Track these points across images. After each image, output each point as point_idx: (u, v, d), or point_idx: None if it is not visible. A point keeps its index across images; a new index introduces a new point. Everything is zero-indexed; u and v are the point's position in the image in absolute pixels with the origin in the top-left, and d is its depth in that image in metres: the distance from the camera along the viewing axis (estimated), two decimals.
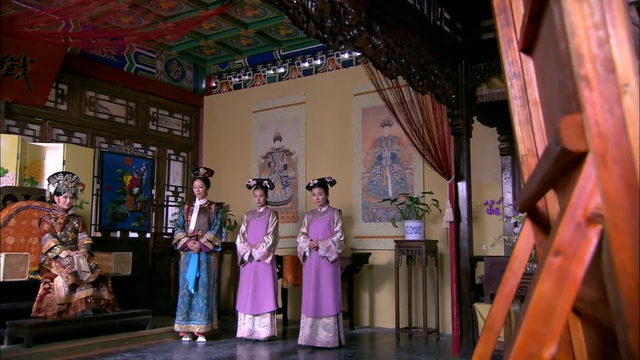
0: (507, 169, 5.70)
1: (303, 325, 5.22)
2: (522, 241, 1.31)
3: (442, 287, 5.92)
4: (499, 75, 4.72)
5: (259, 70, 8.27)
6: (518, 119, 1.35)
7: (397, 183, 6.55)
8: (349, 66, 7.33)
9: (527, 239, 1.31)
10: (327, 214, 5.34)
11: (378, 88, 4.20)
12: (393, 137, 6.69)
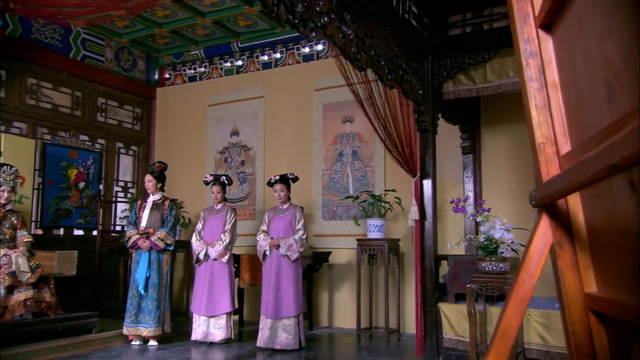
0: (469, 168, 5.69)
1: (262, 327, 5.01)
2: (538, 239, 1.18)
3: (404, 286, 5.85)
4: (465, 72, 4.68)
5: (216, 62, 7.97)
6: (534, 103, 1.21)
7: (358, 180, 6.44)
8: (309, 60, 7.16)
9: (544, 236, 1.18)
10: (288, 211, 5.15)
11: (348, 82, 4.05)
12: (354, 133, 6.57)
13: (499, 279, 3.96)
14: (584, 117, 1.09)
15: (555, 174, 1.17)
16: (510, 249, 3.97)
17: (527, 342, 4.12)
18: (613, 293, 1.09)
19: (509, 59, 4.49)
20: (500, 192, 5.48)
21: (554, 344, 4.03)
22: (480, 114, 5.79)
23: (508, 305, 1.18)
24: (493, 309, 4.28)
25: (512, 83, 4.46)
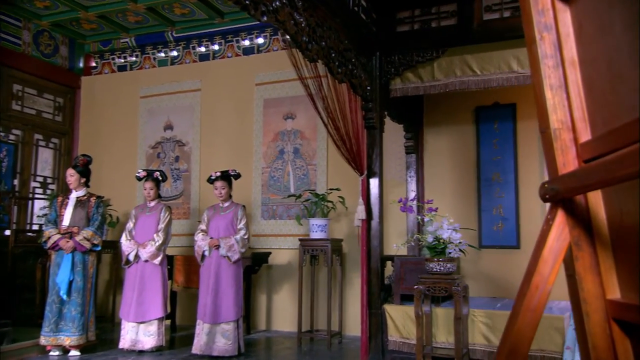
0: (412, 168, 5.65)
1: (198, 333, 4.70)
2: (553, 239, 1.03)
3: (346, 288, 5.72)
4: (413, 70, 4.61)
5: (148, 51, 7.50)
6: (549, 83, 1.06)
7: (300, 179, 6.24)
8: (250, 54, 6.88)
9: (560, 235, 1.03)
10: (230, 209, 4.87)
11: (299, 74, 3.85)
12: (296, 130, 6.38)
13: (447, 280, 3.91)
14: (613, 101, 0.95)
15: (572, 163, 1.03)
16: (457, 249, 3.93)
17: (471, 342, 4.10)
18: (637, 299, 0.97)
19: (456, 58, 4.46)
20: (442, 192, 5.48)
21: (498, 344, 4.02)
22: (423, 113, 5.77)
23: (519, 316, 1.03)
24: (439, 310, 4.23)
25: (459, 82, 4.44)
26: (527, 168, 5.28)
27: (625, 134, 0.86)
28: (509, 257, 5.23)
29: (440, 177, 5.62)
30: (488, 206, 5.39)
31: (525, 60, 4.22)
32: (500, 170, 5.37)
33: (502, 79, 4.29)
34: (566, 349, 3.67)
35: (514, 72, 4.25)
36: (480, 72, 4.36)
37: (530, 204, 5.23)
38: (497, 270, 5.26)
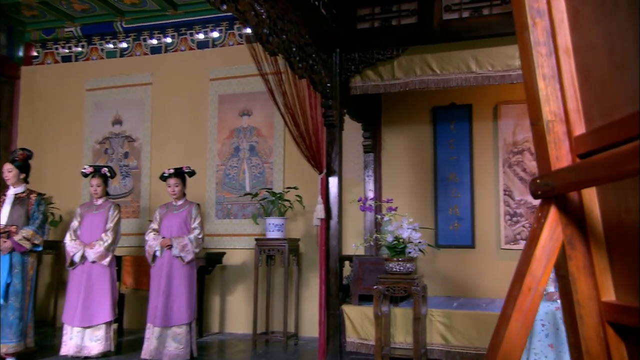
0: (370, 167, 5.62)
1: (148, 337, 4.48)
2: (546, 238, 0.97)
3: (302, 288, 5.62)
4: (373, 68, 4.56)
5: (96, 42, 7.14)
6: (542, 72, 1.00)
7: (256, 177, 6.10)
8: (204, 47, 6.66)
9: (553, 234, 0.97)
10: (183, 208, 4.67)
11: (259, 67, 3.72)
12: (252, 128, 6.22)
13: (406, 280, 3.88)
14: (614, 91, 0.89)
15: (566, 157, 0.97)
16: (417, 248, 3.91)
17: (429, 342, 4.09)
18: (634, 301, 0.92)
19: (416, 57, 4.45)
20: (399, 192, 5.47)
21: (455, 344, 4.04)
22: (381, 112, 5.75)
23: (510, 320, 0.96)
24: (397, 310, 4.20)
25: (419, 81, 4.43)
26: (482, 168, 5.35)
27: (629, 126, 0.81)
28: (464, 257, 5.28)
29: (398, 177, 5.62)
30: (444, 206, 5.42)
31: (483, 61, 4.26)
32: (457, 170, 5.41)
33: (461, 79, 4.31)
34: None
35: (472, 73, 4.28)
36: (439, 71, 4.37)
37: (486, 204, 5.30)
38: (453, 270, 5.30)
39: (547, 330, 3.58)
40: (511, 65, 4.17)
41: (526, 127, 5.21)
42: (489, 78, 4.23)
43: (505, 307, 0.99)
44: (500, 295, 5.04)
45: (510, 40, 4.17)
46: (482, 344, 3.95)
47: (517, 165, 5.21)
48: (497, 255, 5.21)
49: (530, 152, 5.17)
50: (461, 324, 4.04)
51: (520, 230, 5.14)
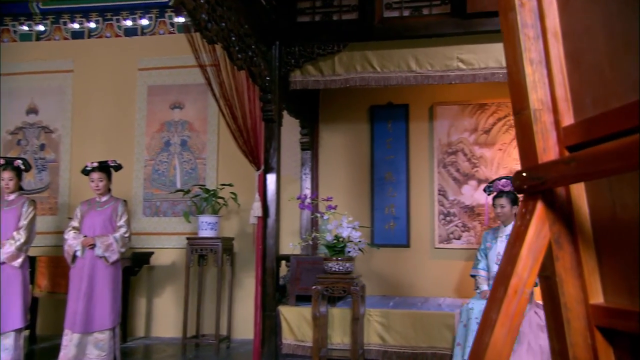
0: (307, 165, 5.52)
1: (66, 344, 4.11)
2: (533, 236, 0.89)
3: (236, 289, 5.42)
4: (313, 63, 4.46)
5: (7, 23, 6.53)
6: (529, 56, 0.92)
7: (187, 174, 5.81)
8: (132, 35, 6.28)
9: (540, 232, 0.89)
10: (108, 204, 4.33)
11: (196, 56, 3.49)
12: (184, 121, 5.93)
13: (345, 279, 3.81)
14: (612, 77, 0.83)
15: (553, 149, 0.90)
16: (357, 248, 3.85)
17: (366, 342, 4.05)
18: (626, 303, 0.86)
19: (357, 53, 4.40)
20: (336, 190, 5.40)
21: (392, 343, 4.02)
22: (319, 109, 5.67)
23: (495, 325, 0.87)
24: (335, 311, 4.12)
25: (359, 78, 4.38)
26: (418, 168, 5.40)
27: (630, 115, 0.74)
28: (399, 256, 5.30)
29: (335, 175, 5.55)
30: (380, 205, 5.42)
31: (422, 60, 4.27)
32: (393, 169, 5.43)
33: (401, 77, 4.30)
34: (457, 346, 3.75)
35: (412, 72, 4.28)
36: (380, 69, 4.34)
37: (420, 203, 5.35)
38: (388, 269, 5.31)
39: None
40: (450, 65, 4.21)
41: (460, 128, 5.32)
42: (429, 77, 4.25)
43: (488, 311, 0.91)
44: (434, 293, 5.11)
45: (448, 41, 4.22)
46: (418, 343, 3.96)
47: (452, 166, 5.30)
48: (431, 254, 5.27)
49: (464, 153, 5.28)
50: (399, 324, 4.03)
51: (453, 230, 5.23)
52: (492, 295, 0.91)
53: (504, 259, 0.92)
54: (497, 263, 3.99)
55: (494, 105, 5.26)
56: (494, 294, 0.91)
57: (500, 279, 0.91)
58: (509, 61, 0.96)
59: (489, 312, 0.90)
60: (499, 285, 0.90)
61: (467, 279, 5.04)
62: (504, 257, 0.92)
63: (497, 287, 0.91)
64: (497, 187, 4.06)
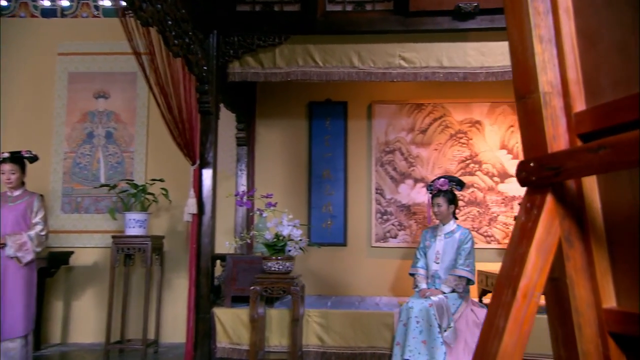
0: (243, 161, 5.32)
1: None
2: (542, 233, 0.80)
3: (165, 290, 5.11)
4: (253, 54, 4.28)
5: None
6: (538, 33, 0.84)
7: (113, 168, 5.42)
8: (51, 16, 5.77)
9: (550, 229, 0.81)
10: (22, 199, 3.91)
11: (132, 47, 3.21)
12: (110, 112, 5.53)
13: (285, 279, 3.67)
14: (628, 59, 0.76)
15: (563, 137, 0.82)
16: (297, 247, 3.72)
17: (305, 344, 3.93)
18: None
19: (299, 47, 4.27)
20: (273, 187, 5.22)
21: (331, 344, 3.93)
22: (255, 104, 5.49)
23: (504, 333, 0.78)
24: (273, 312, 3.97)
25: (301, 72, 4.25)
26: (355, 166, 5.35)
27: (627, 110, 0.67)
28: (335, 255, 5.23)
29: (272, 172, 5.40)
30: (318, 203, 5.33)
31: (365, 57, 4.22)
32: (331, 167, 5.35)
33: (343, 73, 4.22)
34: (396, 345, 3.72)
35: (354, 68, 4.21)
36: (322, 63, 4.23)
37: (358, 202, 5.31)
38: (324, 268, 5.23)
39: (421, 327, 3.62)
40: (392, 63, 4.18)
41: (398, 128, 5.34)
42: (371, 74, 4.20)
43: (492, 317, 0.81)
44: (370, 292, 5.08)
45: (391, 38, 4.20)
46: (358, 344, 3.90)
47: (389, 165, 5.31)
48: (368, 253, 5.25)
49: (401, 152, 5.30)
50: (338, 324, 3.94)
51: (390, 229, 5.24)
52: (496, 299, 0.82)
53: (507, 260, 0.83)
54: (435, 262, 4.01)
55: (430, 105, 5.32)
56: (499, 298, 0.81)
57: (505, 281, 0.81)
58: (514, 40, 0.87)
59: (494, 318, 0.81)
60: (505, 289, 0.81)
61: (403, 277, 5.07)
62: (507, 257, 0.83)
63: (502, 291, 0.81)
64: (436, 186, 4.08)
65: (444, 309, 3.67)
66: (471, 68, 4.11)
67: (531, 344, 3.77)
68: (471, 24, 4.06)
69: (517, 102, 0.87)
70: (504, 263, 0.84)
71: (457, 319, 3.73)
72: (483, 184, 5.18)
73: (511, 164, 5.17)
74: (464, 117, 5.28)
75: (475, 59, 4.11)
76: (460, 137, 5.26)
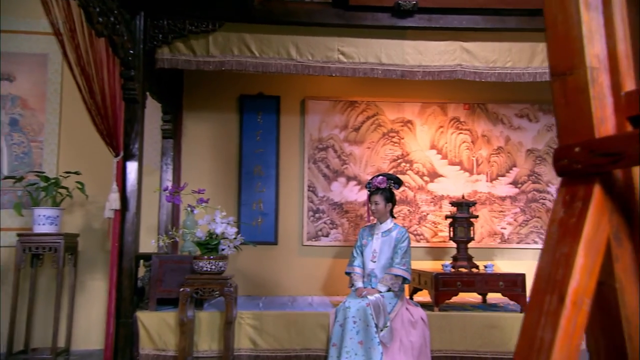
0: (169, 154, 5.00)
1: None
2: (591, 229, 0.71)
3: (78, 293, 4.67)
4: (185, 40, 4.00)
5: None
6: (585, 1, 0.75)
7: (18, 158, 4.87)
8: None
9: (598, 224, 0.72)
10: None
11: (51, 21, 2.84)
12: (15, 97, 4.97)
13: (218, 280, 3.45)
14: None
15: (610, 120, 0.73)
16: (232, 245, 3.52)
17: (237, 347, 3.73)
18: None
19: (234, 35, 4.05)
20: (200, 183, 4.95)
21: (264, 347, 3.76)
22: (183, 95, 5.18)
23: (553, 347, 0.67)
24: (202, 314, 3.73)
25: (236, 62, 4.03)
26: (288, 163, 5.21)
27: None
28: (265, 254, 5.05)
29: (199, 167, 5.11)
30: (248, 200, 5.13)
31: (303, 49, 4.09)
32: (262, 163, 5.17)
33: (281, 65, 4.07)
34: (332, 346, 3.62)
35: (292, 60, 4.07)
36: (258, 54, 4.05)
37: (290, 199, 5.17)
38: (254, 267, 5.04)
39: (358, 327, 3.55)
40: (330, 57, 4.09)
41: (331, 125, 5.26)
42: (309, 67, 4.08)
43: (531, 329, 0.70)
44: (301, 292, 4.96)
45: (330, 31, 4.10)
46: (292, 345, 3.76)
47: (322, 162, 5.22)
48: (299, 252, 5.12)
49: (334, 149, 5.23)
50: (271, 326, 3.78)
51: (322, 227, 5.14)
52: (536, 307, 0.71)
53: (546, 261, 0.73)
54: (372, 260, 3.96)
55: (363, 103, 5.30)
56: (539, 306, 0.71)
57: (546, 286, 0.71)
58: (552, 8, 0.77)
59: (535, 330, 0.70)
60: (546, 294, 0.70)
61: (335, 276, 5.00)
62: (546, 258, 0.73)
63: (543, 297, 0.71)
64: (374, 184, 4.04)
65: (381, 308, 3.62)
66: (409, 66, 4.10)
67: (511, 342, 3.77)
68: (410, 22, 4.05)
69: (554, 79, 0.77)
70: (542, 265, 0.73)
71: (393, 318, 3.70)
72: (414, 183, 5.23)
73: (441, 164, 5.27)
74: (396, 116, 5.31)
75: (413, 58, 4.11)
76: (392, 136, 5.28)
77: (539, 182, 5.30)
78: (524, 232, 5.24)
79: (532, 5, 4.03)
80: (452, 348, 3.82)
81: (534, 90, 5.17)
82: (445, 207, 5.16)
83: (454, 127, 5.32)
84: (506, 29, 4.10)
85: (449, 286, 4.00)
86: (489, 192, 5.26)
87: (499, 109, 5.35)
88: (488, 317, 3.90)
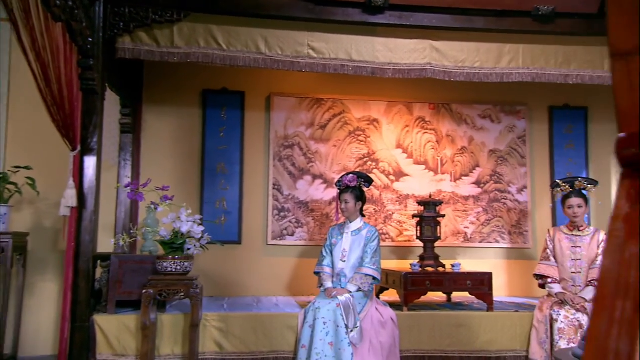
0: (127, 150, 4.77)
1: None
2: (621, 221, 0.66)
3: (27, 296, 4.38)
4: (148, 30, 3.81)
5: None
6: None
7: None
8: None
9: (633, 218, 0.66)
10: None
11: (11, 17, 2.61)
12: None
13: (184, 281, 3.30)
14: None
15: None
16: (198, 245, 3.37)
17: (201, 351, 3.58)
18: None
19: (200, 26, 3.89)
20: (161, 180, 4.67)
21: (231, 350, 3.63)
22: (142, 88, 4.96)
23: None
24: (165, 317, 3.56)
25: (202, 54, 3.88)
26: (252, 160, 5.08)
27: None
28: (229, 253, 4.90)
29: (160, 163, 4.91)
30: (211, 198, 4.96)
31: (273, 43, 3.98)
32: (226, 160, 5.02)
33: (249, 58, 3.94)
34: (301, 348, 3.53)
35: (261, 54, 3.95)
36: (226, 46, 3.91)
37: (254, 197, 5.05)
38: (217, 267, 4.88)
39: (328, 328, 3.48)
40: (300, 52, 3.99)
41: (297, 122, 5.17)
42: (278, 62, 3.97)
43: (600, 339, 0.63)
44: (265, 292, 4.85)
45: (300, 26, 4.01)
46: (259, 348, 3.64)
47: (287, 160, 5.11)
48: (264, 251, 5.00)
49: (300, 147, 5.14)
50: (237, 328, 3.65)
51: (287, 226, 5.04)
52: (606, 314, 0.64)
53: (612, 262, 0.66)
54: (342, 260, 3.90)
55: (330, 101, 5.23)
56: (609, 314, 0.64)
57: (616, 290, 0.64)
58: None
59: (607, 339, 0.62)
60: (619, 300, 0.63)
61: (300, 276, 4.91)
62: (611, 259, 0.66)
63: (613, 303, 0.64)
64: (344, 183, 3.97)
65: (351, 308, 3.56)
66: (379, 64, 4.06)
67: (501, 339, 3.77)
68: (380, 19, 4.01)
69: (615, 59, 0.71)
70: (609, 266, 0.67)
71: (363, 318, 3.64)
72: (379, 182, 5.20)
73: (406, 163, 5.27)
74: (363, 114, 5.27)
75: (384, 55, 4.07)
76: (358, 134, 5.24)
77: (501, 182, 5.39)
78: (486, 231, 5.31)
79: (500, 6, 4.08)
80: (421, 348, 3.81)
81: (497, 92, 5.25)
82: (411, 207, 5.16)
83: (419, 127, 5.33)
84: (474, 29, 4.13)
85: (418, 286, 3.99)
86: (452, 192, 5.31)
87: (463, 110, 5.40)
88: (456, 316, 3.91)
